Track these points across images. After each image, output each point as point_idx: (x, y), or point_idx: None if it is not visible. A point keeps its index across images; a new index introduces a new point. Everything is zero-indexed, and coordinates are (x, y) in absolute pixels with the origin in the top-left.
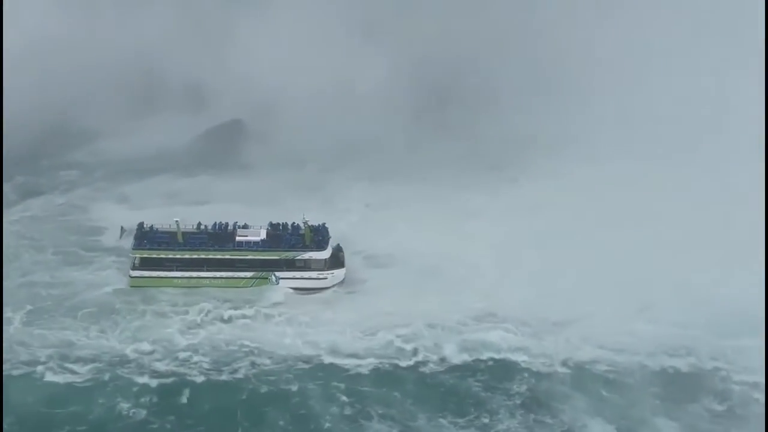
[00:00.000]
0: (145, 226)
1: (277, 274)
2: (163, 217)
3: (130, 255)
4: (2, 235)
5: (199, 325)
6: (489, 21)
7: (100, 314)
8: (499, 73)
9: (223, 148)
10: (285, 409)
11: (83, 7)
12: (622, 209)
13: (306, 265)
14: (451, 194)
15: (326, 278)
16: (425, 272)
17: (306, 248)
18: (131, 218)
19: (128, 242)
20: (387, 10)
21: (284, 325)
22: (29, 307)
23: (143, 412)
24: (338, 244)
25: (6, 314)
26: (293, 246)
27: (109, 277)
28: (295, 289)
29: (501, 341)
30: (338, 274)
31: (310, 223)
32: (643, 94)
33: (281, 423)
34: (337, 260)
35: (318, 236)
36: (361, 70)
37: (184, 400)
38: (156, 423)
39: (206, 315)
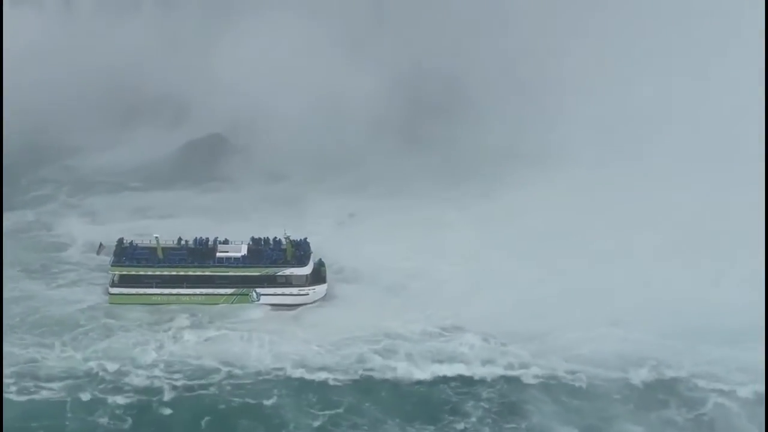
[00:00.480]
0: (124, 241)
1: (258, 290)
2: (141, 231)
3: (109, 272)
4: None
5: (172, 341)
6: (468, 36)
7: (69, 330)
8: (479, 87)
9: (202, 161)
10: (259, 421)
11: (62, 19)
12: (599, 217)
13: (287, 281)
14: (427, 206)
15: (307, 294)
16: (398, 285)
17: (287, 264)
18: (106, 233)
19: (107, 258)
20: (370, 26)
21: (256, 339)
22: None
23: (121, 426)
24: (320, 259)
25: None
26: (274, 262)
27: (79, 294)
28: (276, 305)
29: (471, 352)
30: (320, 290)
31: (291, 238)
32: (618, 102)
33: None
34: (318, 276)
35: (299, 251)
36: (343, 84)
37: (159, 414)
38: None
39: (180, 331)
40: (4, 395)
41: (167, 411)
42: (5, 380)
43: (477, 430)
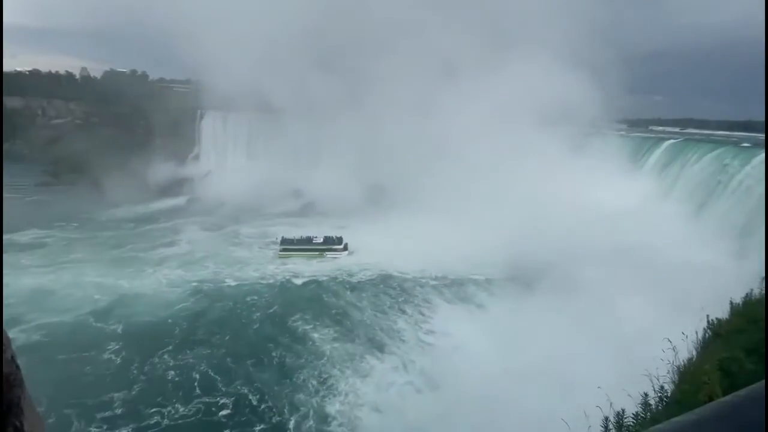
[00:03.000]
0: (285, 237)
1: (326, 253)
2: (288, 233)
3: (279, 246)
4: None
5: (295, 266)
6: (393, 165)
7: (258, 265)
8: (399, 185)
9: (303, 211)
10: (318, 290)
11: (249, 167)
12: (443, 222)
13: (336, 250)
14: (372, 223)
15: (341, 255)
16: (357, 249)
17: (335, 244)
18: (266, 235)
19: (278, 241)
20: (356, 168)
21: (314, 268)
22: (217, 263)
23: (280, 292)
24: (346, 242)
25: (206, 264)
26: (332, 243)
27: (267, 254)
28: (331, 257)
29: (376, 270)
30: (345, 253)
31: (336, 235)
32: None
33: (319, 293)
34: (346, 248)
35: (339, 240)
36: (346, 189)
37: (292, 287)
38: (286, 296)
39: (297, 264)
40: (226, 285)
41: (298, 283)
42: (223, 282)
43: (372, 285)
